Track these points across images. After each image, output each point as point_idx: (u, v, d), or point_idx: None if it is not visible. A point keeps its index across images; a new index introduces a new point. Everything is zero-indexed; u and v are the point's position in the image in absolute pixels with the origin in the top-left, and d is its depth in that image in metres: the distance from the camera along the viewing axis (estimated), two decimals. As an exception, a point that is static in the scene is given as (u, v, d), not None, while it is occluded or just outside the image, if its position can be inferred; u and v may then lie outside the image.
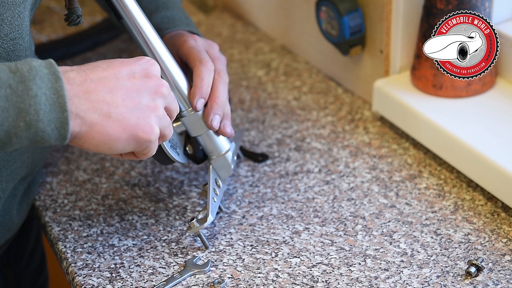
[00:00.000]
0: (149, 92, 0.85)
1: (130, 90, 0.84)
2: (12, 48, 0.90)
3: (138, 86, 0.84)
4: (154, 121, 0.85)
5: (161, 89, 0.86)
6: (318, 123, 1.23)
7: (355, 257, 0.97)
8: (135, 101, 0.84)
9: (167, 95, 0.87)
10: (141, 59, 0.87)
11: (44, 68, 0.79)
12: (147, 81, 0.85)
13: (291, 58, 1.40)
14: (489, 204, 1.04)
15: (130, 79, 0.84)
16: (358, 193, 1.08)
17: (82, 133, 0.81)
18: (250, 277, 0.95)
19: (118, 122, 0.82)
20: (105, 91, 0.82)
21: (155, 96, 0.85)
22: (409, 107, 1.14)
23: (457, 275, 0.94)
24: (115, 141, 0.83)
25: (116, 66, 0.85)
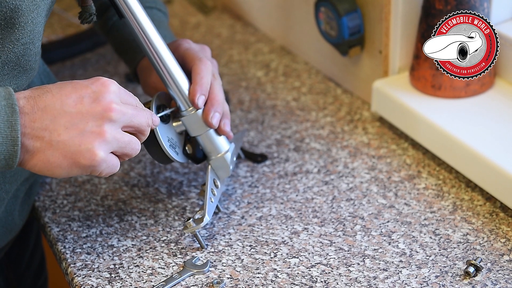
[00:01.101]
0: (95, 118, 0.84)
1: (75, 117, 0.84)
2: (23, 53, 0.90)
3: (83, 112, 0.84)
4: (98, 146, 0.84)
5: (108, 114, 0.85)
6: (317, 123, 1.23)
7: (354, 257, 0.98)
8: (78, 128, 0.83)
9: (118, 118, 0.85)
10: (95, 82, 0.86)
11: (2, 99, 0.81)
12: (94, 106, 0.84)
13: (290, 59, 1.41)
14: (487, 204, 1.05)
15: (77, 105, 0.84)
16: (357, 193, 1.08)
17: (25, 160, 0.83)
18: (249, 277, 0.95)
19: (59, 150, 0.83)
20: (49, 119, 0.83)
21: (101, 122, 0.84)
22: (408, 107, 1.14)
23: (455, 275, 0.94)
24: (57, 167, 0.84)
25: (66, 91, 0.85)
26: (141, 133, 0.90)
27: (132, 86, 1.35)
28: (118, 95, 0.87)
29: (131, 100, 0.89)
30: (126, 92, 0.89)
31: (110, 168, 0.87)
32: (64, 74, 1.39)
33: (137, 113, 0.88)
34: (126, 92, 0.89)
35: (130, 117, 0.87)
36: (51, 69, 1.40)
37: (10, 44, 0.88)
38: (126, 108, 0.87)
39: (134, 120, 0.88)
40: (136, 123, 0.88)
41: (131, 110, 0.88)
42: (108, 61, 1.43)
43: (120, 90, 0.87)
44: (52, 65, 1.41)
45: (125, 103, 0.88)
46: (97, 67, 1.41)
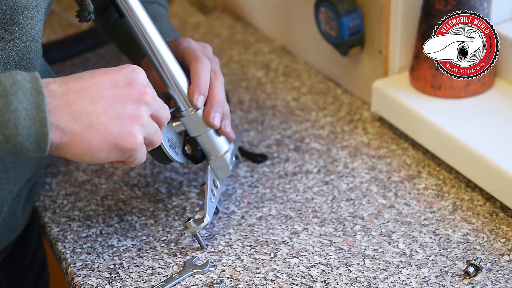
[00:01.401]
0: (132, 101, 0.85)
1: (112, 100, 0.84)
2: (24, 51, 0.90)
3: (120, 95, 0.84)
4: (137, 130, 0.85)
5: (144, 97, 0.86)
6: (317, 123, 1.23)
7: (354, 257, 0.98)
8: (117, 111, 0.84)
9: (152, 102, 0.86)
10: (126, 68, 0.87)
11: (27, 82, 0.80)
12: (130, 89, 0.85)
13: (290, 59, 1.41)
14: (487, 204, 1.05)
15: (113, 88, 0.84)
16: (357, 193, 1.08)
17: (64, 144, 0.82)
18: (249, 277, 0.95)
19: (100, 132, 0.83)
20: (86, 101, 0.82)
21: (138, 105, 0.85)
22: (408, 107, 1.14)
23: (455, 275, 0.94)
24: (97, 150, 0.83)
25: (98, 76, 0.85)
26: (161, 125, 0.90)
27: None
28: (147, 81, 0.88)
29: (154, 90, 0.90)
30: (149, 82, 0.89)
31: (143, 155, 0.87)
32: (64, 74, 1.38)
33: (163, 104, 0.89)
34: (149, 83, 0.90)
35: (159, 106, 0.88)
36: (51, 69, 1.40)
37: (11, 42, 0.88)
38: (156, 96, 0.88)
39: (161, 110, 0.89)
40: (161, 114, 0.89)
41: (159, 99, 0.89)
42: (108, 61, 1.43)
43: (146, 78, 0.88)
44: (52, 65, 1.40)
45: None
46: (97, 67, 1.41)
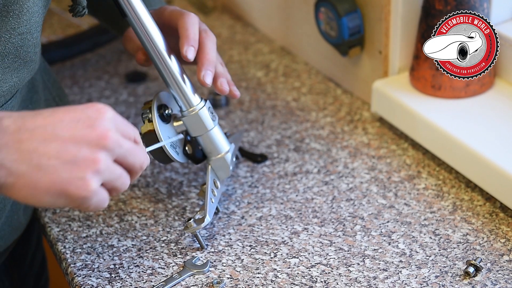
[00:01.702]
0: (90, 145, 0.78)
1: (67, 141, 0.77)
2: (21, 43, 0.89)
3: (77, 137, 0.77)
4: (90, 176, 0.77)
5: (104, 141, 0.78)
6: (317, 123, 1.23)
7: (353, 257, 0.98)
8: (70, 154, 0.77)
9: (113, 148, 0.79)
10: (91, 107, 0.80)
11: None
12: (89, 131, 0.78)
13: (290, 59, 1.41)
14: (487, 204, 1.05)
15: (70, 129, 0.78)
16: (357, 193, 1.08)
17: (8, 184, 0.76)
18: (249, 277, 0.95)
19: (48, 175, 0.76)
20: (38, 141, 0.77)
21: (95, 149, 0.78)
22: (408, 107, 1.14)
23: (455, 275, 0.94)
24: (44, 194, 0.77)
25: (58, 114, 0.79)
26: (132, 173, 0.83)
27: (132, 87, 1.35)
28: (114, 123, 0.80)
29: (129, 131, 0.83)
30: (123, 122, 0.82)
31: (100, 202, 0.80)
32: (64, 74, 1.39)
33: (133, 149, 0.82)
34: (124, 122, 0.83)
35: (126, 152, 0.81)
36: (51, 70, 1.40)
37: (6, 34, 0.87)
38: (123, 140, 0.80)
39: (129, 157, 0.81)
40: (131, 161, 0.82)
41: (128, 144, 0.81)
42: (108, 61, 1.43)
43: (116, 118, 0.81)
44: (52, 65, 1.41)
45: (122, 133, 0.81)
46: (97, 67, 1.41)
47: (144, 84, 1.36)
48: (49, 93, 1.08)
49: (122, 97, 1.32)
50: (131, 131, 0.83)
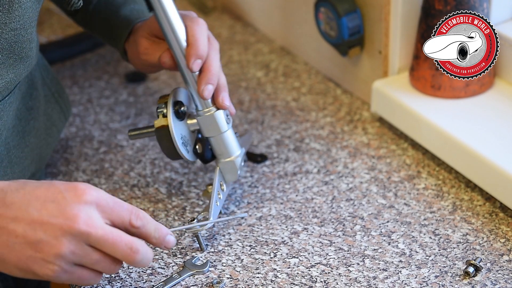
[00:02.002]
0: (54, 228, 0.78)
1: (35, 222, 0.78)
2: (15, 39, 0.89)
3: (44, 219, 0.78)
4: (53, 259, 0.78)
5: (69, 226, 0.78)
6: (317, 123, 1.23)
7: (353, 257, 0.98)
8: (36, 235, 0.78)
9: (80, 234, 0.78)
10: (71, 189, 0.80)
11: None
12: (58, 215, 0.78)
13: (290, 59, 1.41)
14: (487, 204, 1.05)
15: (41, 210, 0.79)
16: (356, 193, 1.08)
17: None
18: (249, 277, 0.95)
19: (15, 252, 0.79)
20: (10, 218, 0.79)
21: (59, 233, 0.78)
22: (407, 107, 1.14)
23: (455, 275, 0.94)
24: (13, 268, 0.80)
25: (37, 192, 0.80)
26: (113, 262, 0.82)
27: (132, 87, 1.35)
28: (96, 207, 0.80)
29: (122, 214, 0.82)
30: (114, 206, 0.81)
31: (77, 280, 0.81)
32: (64, 74, 1.40)
33: (115, 238, 0.80)
34: (115, 206, 0.81)
35: (100, 239, 0.79)
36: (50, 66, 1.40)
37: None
38: (98, 228, 0.79)
39: (105, 244, 0.80)
40: (108, 249, 0.80)
41: (105, 232, 0.80)
42: (107, 62, 1.43)
43: (101, 202, 0.80)
44: (52, 65, 1.41)
45: (108, 218, 0.81)
46: (96, 67, 1.41)
47: (144, 84, 1.36)
48: (48, 89, 1.09)
49: (122, 97, 1.32)
50: (124, 214, 0.82)
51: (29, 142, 1.01)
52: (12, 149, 0.97)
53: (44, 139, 1.05)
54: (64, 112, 1.12)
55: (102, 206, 0.81)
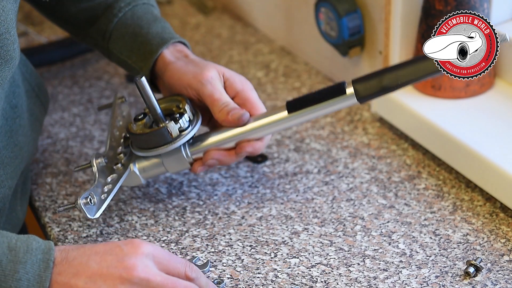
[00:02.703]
0: (114, 277, 0.82)
1: (95, 274, 0.82)
2: (0, 44, 0.89)
3: (104, 270, 0.82)
4: None
5: (127, 274, 0.82)
6: (317, 124, 1.23)
7: (354, 258, 0.98)
8: (96, 285, 0.82)
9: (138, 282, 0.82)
10: (128, 243, 0.85)
11: (40, 253, 0.82)
12: (116, 265, 0.83)
13: (290, 59, 1.41)
14: (487, 204, 1.05)
15: (101, 262, 0.83)
16: (357, 193, 1.08)
17: None
18: (249, 277, 0.95)
19: None
20: (72, 273, 0.82)
21: (118, 282, 0.82)
22: (408, 108, 1.14)
23: (455, 275, 0.94)
24: None
25: (97, 248, 0.84)
26: None
27: (133, 87, 1.35)
28: (151, 258, 0.84)
29: (177, 266, 0.86)
30: (169, 258, 0.86)
31: None
32: (64, 74, 1.40)
33: (174, 283, 0.84)
34: (170, 258, 0.86)
35: (161, 285, 0.83)
36: (51, 70, 1.40)
37: None
38: (156, 274, 0.83)
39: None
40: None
41: (164, 278, 0.83)
42: (108, 62, 1.43)
43: (157, 254, 0.85)
44: (52, 66, 1.41)
45: (164, 270, 0.84)
46: (97, 67, 1.41)
47: (144, 84, 1.36)
48: (28, 84, 1.08)
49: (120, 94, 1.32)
50: (180, 266, 0.86)
51: (18, 141, 1.01)
52: (2, 150, 0.97)
53: (31, 135, 1.05)
54: (44, 104, 1.11)
55: (159, 257, 0.85)
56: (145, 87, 0.97)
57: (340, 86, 0.97)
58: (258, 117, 1.02)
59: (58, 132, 1.24)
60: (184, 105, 1.01)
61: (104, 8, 1.08)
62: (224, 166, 1.14)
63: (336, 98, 0.98)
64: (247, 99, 1.02)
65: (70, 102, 1.31)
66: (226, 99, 1.00)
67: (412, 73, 0.96)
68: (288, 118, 1.00)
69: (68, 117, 1.27)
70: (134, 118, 1.02)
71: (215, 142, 1.02)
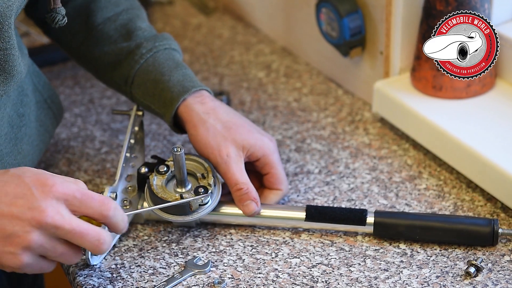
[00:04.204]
0: (23, 222, 0.82)
1: (5, 217, 0.82)
2: (5, 59, 0.90)
3: (14, 214, 0.82)
4: (21, 252, 0.82)
5: (39, 220, 0.82)
6: (319, 124, 1.23)
7: (355, 258, 0.98)
8: (4, 229, 0.82)
9: (47, 227, 0.82)
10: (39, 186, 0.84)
11: None
12: (26, 210, 0.82)
13: (291, 60, 1.41)
14: (488, 205, 1.05)
15: (11, 205, 0.82)
16: (358, 194, 1.08)
17: None
18: (250, 277, 0.96)
19: None
20: None
21: (29, 228, 0.82)
22: (409, 108, 1.14)
23: (456, 275, 0.94)
24: None
25: (8, 188, 0.83)
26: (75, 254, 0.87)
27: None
28: (62, 201, 0.84)
29: (90, 206, 0.86)
30: (82, 198, 0.85)
31: (38, 270, 0.85)
32: (66, 74, 1.40)
33: (82, 231, 0.84)
34: (83, 198, 0.85)
35: (70, 232, 0.84)
36: (53, 70, 1.40)
37: None
38: (65, 221, 0.83)
39: (74, 236, 0.84)
40: (76, 241, 0.85)
41: (73, 226, 0.84)
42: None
43: (69, 195, 0.84)
44: (54, 66, 1.41)
45: (77, 211, 0.85)
46: (98, 68, 1.41)
47: (146, 85, 1.36)
48: (40, 95, 1.08)
49: (123, 97, 1.32)
50: (94, 205, 0.86)
51: (22, 149, 1.01)
52: (5, 157, 0.98)
53: (37, 145, 1.06)
54: (56, 116, 1.12)
55: (70, 200, 0.85)
56: (182, 160, 0.98)
57: (362, 216, 1.00)
58: (276, 208, 1.03)
59: (59, 132, 1.24)
60: (209, 179, 1.01)
61: (127, 53, 1.08)
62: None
63: (355, 225, 1.00)
64: (267, 163, 1.04)
65: (72, 103, 1.31)
66: (238, 180, 1.01)
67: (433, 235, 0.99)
68: (303, 221, 1.01)
69: (69, 117, 1.28)
70: (157, 170, 1.02)
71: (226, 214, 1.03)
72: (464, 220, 0.99)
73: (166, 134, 1.23)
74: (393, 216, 1.00)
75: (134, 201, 1.03)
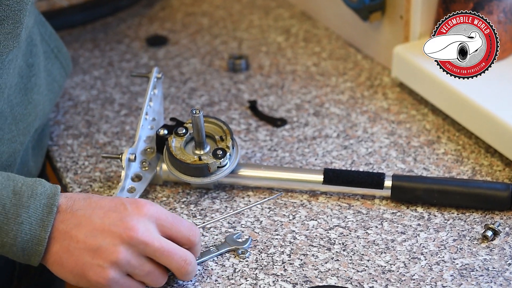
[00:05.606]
0: (114, 236, 0.83)
1: (97, 229, 0.83)
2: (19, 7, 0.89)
3: (106, 227, 0.83)
4: (108, 265, 0.83)
5: (127, 234, 0.83)
6: (337, 88, 1.23)
7: (372, 220, 0.98)
8: (96, 241, 0.83)
9: (136, 244, 0.83)
10: (133, 202, 0.85)
11: (45, 197, 0.83)
12: (119, 224, 0.83)
13: (310, 24, 1.40)
14: (507, 169, 1.05)
15: (104, 218, 0.84)
16: (376, 158, 1.09)
17: (44, 259, 0.84)
18: (268, 238, 0.96)
19: (74, 257, 0.83)
20: (73, 224, 0.83)
21: (118, 241, 0.83)
22: (428, 73, 1.14)
23: (473, 238, 0.95)
24: (68, 273, 0.84)
25: (102, 202, 0.85)
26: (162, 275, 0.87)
27: (153, 51, 1.35)
28: (153, 220, 0.85)
29: (179, 230, 0.86)
30: (173, 221, 0.86)
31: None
32: (86, 37, 1.40)
33: (168, 249, 0.85)
34: (174, 221, 0.86)
35: (156, 251, 0.84)
36: (72, 33, 1.41)
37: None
38: (155, 239, 0.84)
39: (161, 256, 0.84)
40: (163, 260, 0.85)
41: (162, 244, 0.84)
42: (128, 26, 1.43)
43: (161, 217, 0.85)
44: (73, 29, 1.41)
45: (166, 233, 0.85)
46: (117, 31, 1.42)
47: (165, 48, 1.36)
48: (47, 45, 1.09)
49: (142, 60, 1.33)
50: (183, 230, 0.86)
51: (32, 98, 1.02)
52: (15, 107, 0.98)
53: (46, 95, 1.06)
54: (65, 67, 1.12)
55: (162, 220, 0.86)
56: (200, 122, 0.98)
57: (380, 179, 1.00)
58: (294, 170, 1.04)
59: (79, 94, 1.25)
60: (228, 141, 1.01)
61: None
62: (244, 130, 1.14)
63: (372, 189, 1.00)
64: None
65: (91, 65, 1.32)
66: None
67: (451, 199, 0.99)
68: (321, 184, 1.01)
69: (89, 80, 1.28)
70: (175, 132, 1.02)
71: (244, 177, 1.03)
72: (482, 185, 0.99)
73: (185, 97, 1.23)
74: (411, 180, 1.00)
75: (153, 163, 1.03)
